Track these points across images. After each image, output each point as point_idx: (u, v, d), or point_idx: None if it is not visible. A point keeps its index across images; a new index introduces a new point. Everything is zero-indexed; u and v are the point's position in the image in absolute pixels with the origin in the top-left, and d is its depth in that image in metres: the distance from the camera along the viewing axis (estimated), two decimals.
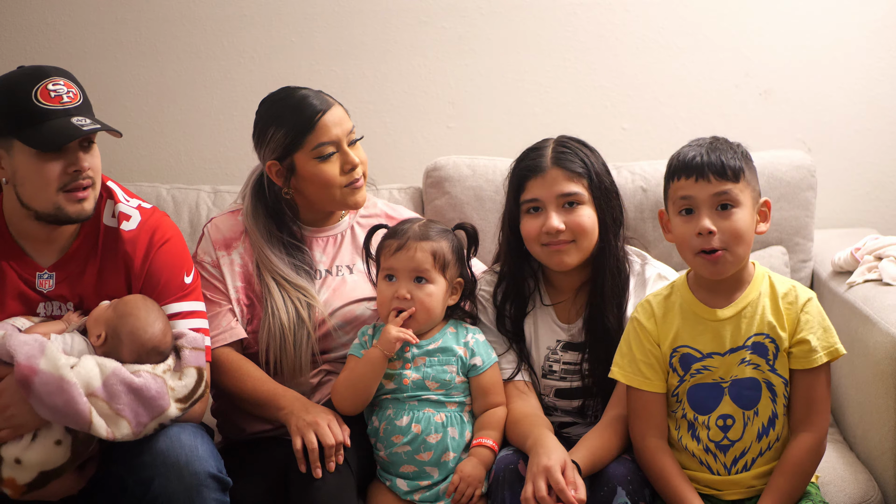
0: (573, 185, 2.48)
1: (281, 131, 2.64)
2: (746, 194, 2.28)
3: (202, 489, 2.28)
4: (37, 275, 2.43)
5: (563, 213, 2.48)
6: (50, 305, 2.45)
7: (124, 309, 2.38)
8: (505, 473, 2.36)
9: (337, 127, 2.65)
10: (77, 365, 2.27)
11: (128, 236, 2.45)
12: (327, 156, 2.64)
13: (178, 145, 3.48)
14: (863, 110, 3.42)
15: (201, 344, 2.41)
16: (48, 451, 2.28)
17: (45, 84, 2.35)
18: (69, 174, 2.34)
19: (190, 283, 2.50)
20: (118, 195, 2.49)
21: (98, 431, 2.25)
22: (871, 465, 2.64)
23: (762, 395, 2.31)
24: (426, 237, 2.50)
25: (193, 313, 2.49)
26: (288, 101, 2.67)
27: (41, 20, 3.44)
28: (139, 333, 2.36)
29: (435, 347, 2.50)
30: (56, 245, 2.45)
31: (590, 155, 2.53)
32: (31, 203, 2.36)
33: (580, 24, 3.41)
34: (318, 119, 2.63)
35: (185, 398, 2.35)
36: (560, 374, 2.56)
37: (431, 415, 2.46)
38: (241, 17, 3.43)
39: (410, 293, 2.47)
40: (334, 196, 2.67)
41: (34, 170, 2.33)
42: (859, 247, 2.90)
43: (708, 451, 2.34)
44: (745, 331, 2.31)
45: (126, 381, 2.28)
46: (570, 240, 2.48)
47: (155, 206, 2.57)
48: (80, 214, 2.38)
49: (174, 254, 2.50)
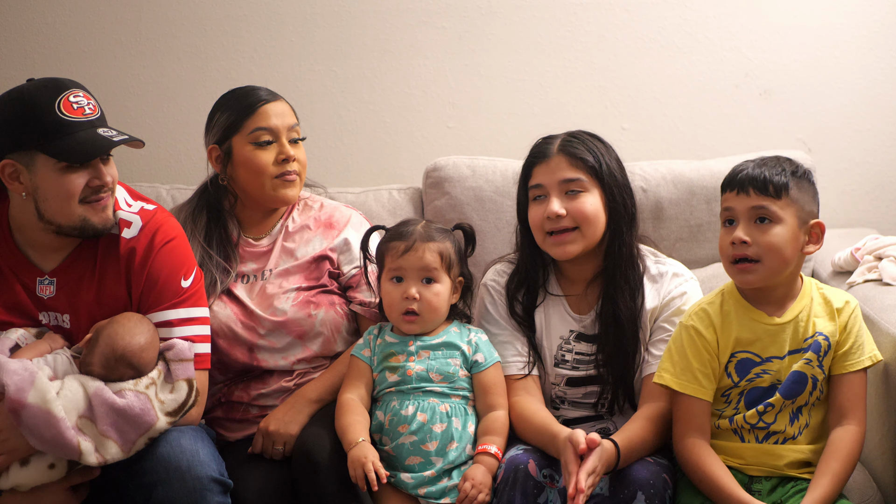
0: (576, 171, 2.50)
1: (224, 115, 2.75)
2: (789, 212, 2.34)
3: (205, 493, 2.28)
4: (37, 280, 2.42)
5: (565, 200, 2.50)
6: (47, 316, 2.43)
7: (117, 317, 2.39)
8: (516, 474, 2.35)
9: (277, 118, 2.73)
10: (62, 388, 2.27)
11: (128, 243, 2.44)
12: (263, 143, 2.71)
13: (178, 145, 3.48)
14: (862, 110, 3.42)
15: (188, 354, 2.39)
16: (42, 475, 2.29)
17: (66, 96, 2.33)
18: (92, 187, 2.34)
19: (188, 287, 2.47)
20: (119, 202, 2.47)
21: (88, 460, 2.26)
22: (870, 465, 2.64)
23: (806, 387, 2.39)
24: (432, 238, 2.52)
25: (191, 320, 2.46)
26: (237, 92, 2.78)
27: (41, 20, 3.44)
28: (115, 338, 2.33)
29: (439, 342, 2.53)
30: (59, 253, 2.44)
31: (601, 147, 2.55)
32: (55, 218, 2.35)
33: (580, 24, 3.41)
34: (258, 105, 2.72)
35: (174, 411, 2.34)
36: (572, 364, 2.56)
37: (436, 405, 2.48)
38: (241, 17, 3.43)
39: (419, 293, 2.49)
40: (264, 185, 2.72)
41: (58, 184, 2.32)
42: (859, 247, 2.90)
43: (737, 433, 2.41)
44: (803, 333, 2.39)
45: (108, 401, 2.27)
46: (573, 227, 2.49)
47: (159, 206, 2.54)
48: (107, 223, 2.38)
49: (174, 256, 2.47)
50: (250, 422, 2.67)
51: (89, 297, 2.43)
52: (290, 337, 2.69)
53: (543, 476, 2.37)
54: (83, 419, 2.26)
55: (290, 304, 2.69)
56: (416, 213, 3.19)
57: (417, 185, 3.25)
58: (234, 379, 2.70)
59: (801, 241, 2.37)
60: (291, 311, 2.69)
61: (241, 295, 2.71)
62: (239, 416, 2.69)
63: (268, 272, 2.75)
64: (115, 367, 2.33)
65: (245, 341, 2.67)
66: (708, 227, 3.12)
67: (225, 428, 2.70)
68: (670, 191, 3.13)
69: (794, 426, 2.39)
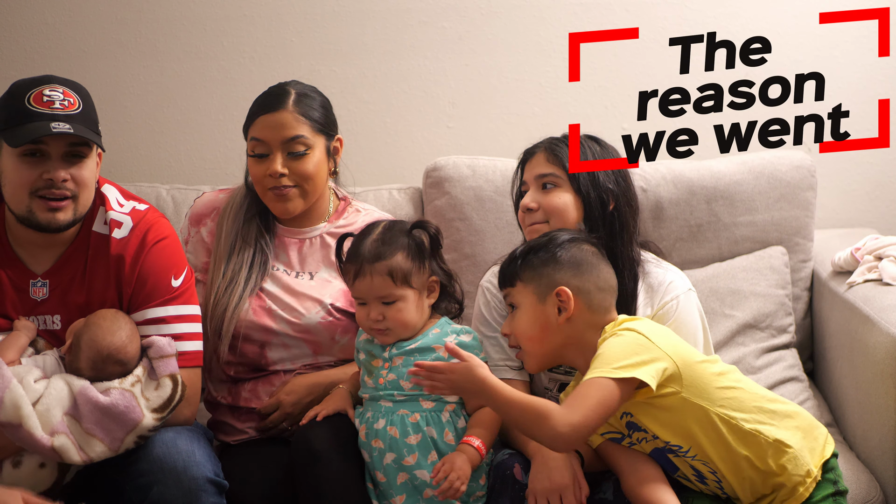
0: (551, 167, 2.53)
1: (249, 112, 2.69)
2: (525, 293, 2.32)
3: (200, 494, 2.28)
4: (30, 282, 2.42)
5: (539, 194, 2.53)
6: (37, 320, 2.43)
7: (91, 318, 2.38)
8: (503, 480, 2.35)
9: (270, 130, 2.62)
10: (48, 387, 2.28)
11: (118, 243, 2.43)
12: (257, 155, 2.64)
13: (178, 145, 3.48)
14: (863, 110, 3.41)
15: (169, 350, 2.38)
16: (34, 475, 2.30)
17: (42, 89, 2.35)
18: (43, 180, 2.34)
19: (178, 286, 2.46)
20: (110, 202, 2.46)
21: (72, 459, 2.26)
22: (871, 465, 2.64)
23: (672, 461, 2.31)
24: (379, 257, 2.40)
25: (182, 318, 2.45)
26: (264, 92, 2.70)
27: (41, 20, 3.44)
28: (97, 340, 2.34)
29: (414, 347, 2.44)
30: (51, 252, 2.44)
31: (588, 148, 2.55)
32: (10, 203, 2.38)
33: (580, 24, 3.40)
34: (256, 116, 2.65)
35: (161, 407, 2.33)
36: (565, 368, 2.56)
37: (406, 416, 2.40)
38: (241, 17, 3.43)
39: (382, 314, 2.42)
40: (264, 196, 2.66)
41: (13, 169, 2.35)
42: (859, 247, 2.90)
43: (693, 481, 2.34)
44: None
45: (93, 399, 2.28)
46: (544, 220, 2.52)
47: (151, 206, 2.53)
48: (51, 224, 2.36)
49: (165, 256, 2.47)
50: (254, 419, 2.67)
51: (79, 300, 2.43)
52: (306, 347, 2.66)
53: None
54: (68, 416, 2.28)
55: (316, 321, 2.65)
56: (416, 213, 3.18)
57: (417, 185, 3.25)
58: (239, 380, 2.69)
59: (548, 314, 2.30)
60: (316, 328, 2.65)
61: (273, 289, 2.67)
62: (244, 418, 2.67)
63: (306, 275, 2.71)
64: (103, 367, 2.34)
65: (258, 339, 2.65)
66: (708, 227, 3.12)
67: (225, 432, 2.69)
68: (670, 191, 3.13)
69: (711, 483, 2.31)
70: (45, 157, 2.34)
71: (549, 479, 2.28)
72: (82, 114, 2.37)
